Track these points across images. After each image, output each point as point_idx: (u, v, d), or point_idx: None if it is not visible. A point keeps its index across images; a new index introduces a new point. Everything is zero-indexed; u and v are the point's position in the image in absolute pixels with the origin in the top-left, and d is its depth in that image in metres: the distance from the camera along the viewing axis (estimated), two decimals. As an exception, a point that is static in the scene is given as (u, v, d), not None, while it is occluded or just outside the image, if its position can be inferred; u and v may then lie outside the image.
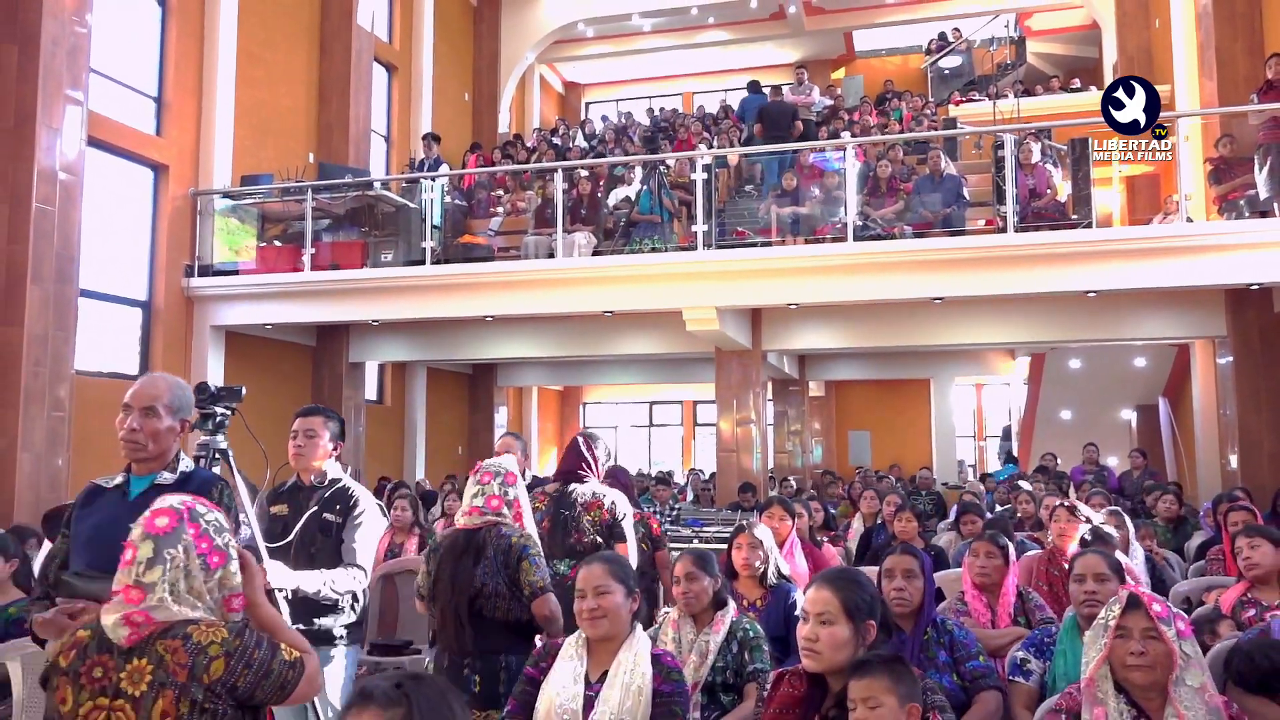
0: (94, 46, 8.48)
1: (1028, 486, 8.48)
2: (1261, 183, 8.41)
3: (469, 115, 16.46)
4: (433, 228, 9.84)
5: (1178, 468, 11.84)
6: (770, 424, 13.87)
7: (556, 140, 15.16)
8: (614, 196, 10.85)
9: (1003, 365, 15.39)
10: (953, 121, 12.73)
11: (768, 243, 9.63)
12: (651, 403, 20.14)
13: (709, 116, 15.60)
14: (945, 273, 8.59)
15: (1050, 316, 9.90)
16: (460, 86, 16.27)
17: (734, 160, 11.84)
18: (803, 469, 14.97)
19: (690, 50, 19.00)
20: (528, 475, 5.46)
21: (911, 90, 16.94)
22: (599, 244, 10.13)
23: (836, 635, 2.36)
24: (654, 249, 9.71)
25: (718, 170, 10.60)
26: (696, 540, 7.33)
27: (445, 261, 10.01)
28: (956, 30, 17.79)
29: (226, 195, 10.35)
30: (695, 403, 19.83)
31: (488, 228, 11.27)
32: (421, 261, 9.87)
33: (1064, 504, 4.85)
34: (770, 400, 14.58)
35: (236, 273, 10.16)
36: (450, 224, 10.59)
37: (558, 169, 10.21)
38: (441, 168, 11.57)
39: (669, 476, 12.36)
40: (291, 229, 10.59)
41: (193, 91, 10.22)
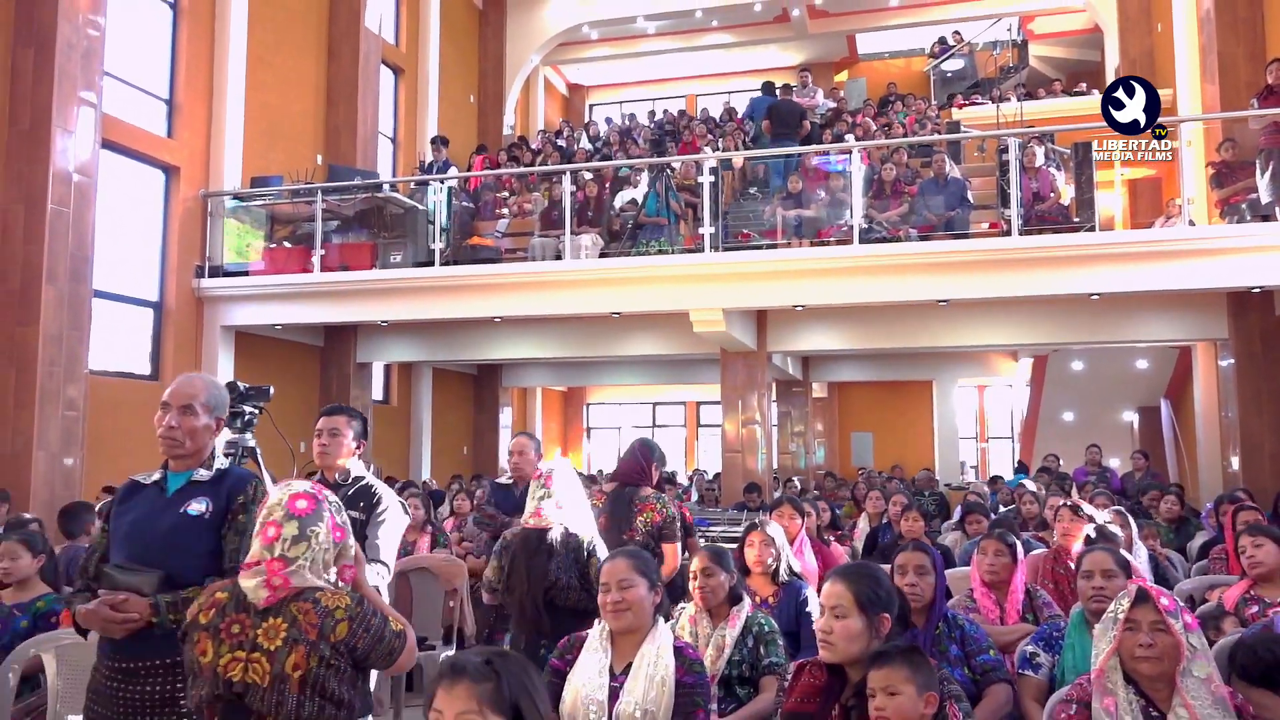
0: (106, 49, 8.57)
1: (1032, 487, 8.57)
2: (1263, 187, 8.49)
3: (474, 117, 16.56)
4: (441, 230, 9.90)
5: (1179, 469, 11.92)
6: (774, 425, 13.94)
7: (561, 142, 15.24)
8: (620, 198, 10.94)
9: (1005, 367, 15.48)
10: (956, 125, 12.81)
11: (773, 245, 9.73)
12: (655, 403, 20.23)
13: (711, 120, 15.70)
14: (950, 275, 8.68)
15: (1053, 318, 9.99)
16: (465, 89, 16.37)
17: (738, 163, 11.93)
18: (806, 470, 15.06)
19: (694, 53, 19.11)
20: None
21: (914, 93, 17.04)
22: (605, 246, 10.22)
23: (850, 628, 2.44)
24: (660, 251, 9.80)
25: (723, 172, 10.67)
26: (702, 540, 7.41)
27: (455, 263, 10.08)
28: (958, 34, 17.86)
29: (237, 197, 10.44)
30: (698, 404, 19.92)
31: (494, 229, 11.36)
32: (430, 263, 9.96)
33: (1068, 504, 4.94)
34: (774, 401, 14.66)
35: (247, 274, 10.25)
36: (458, 226, 10.67)
37: (565, 171, 10.29)
38: (450, 170, 11.64)
39: (673, 477, 12.44)
40: (300, 230, 10.69)
41: (203, 94, 10.31)
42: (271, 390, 3.46)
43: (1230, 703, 2.36)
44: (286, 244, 10.57)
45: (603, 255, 10.04)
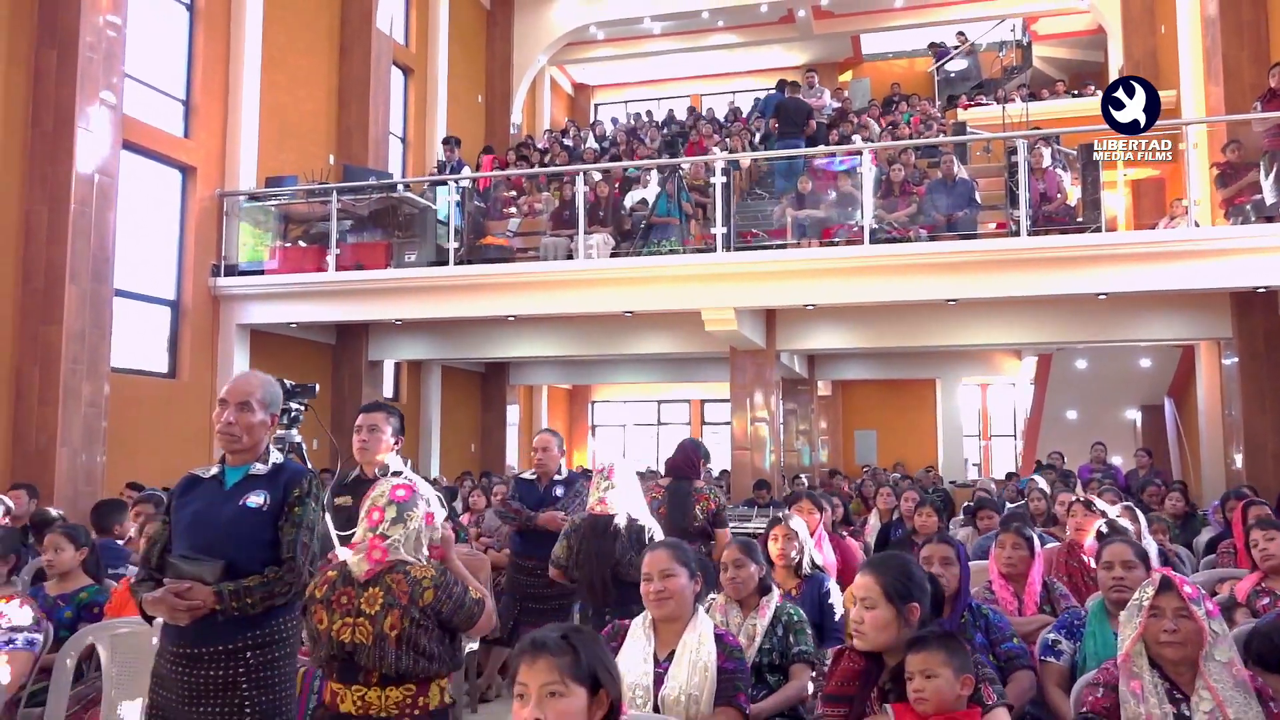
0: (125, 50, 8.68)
1: (1041, 483, 8.69)
2: (1267, 188, 8.61)
3: (482, 117, 16.66)
4: (455, 230, 10.01)
5: (1182, 467, 12.03)
6: (780, 423, 14.06)
7: (568, 142, 15.36)
8: (630, 198, 11.06)
9: (1009, 365, 15.60)
10: (962, 126, 12.92)
11: (783, 245, 9.84)
12: (660, 401, 20.34)
13: (716, 121, 15.83)
14: (959, 275, 8.80)
15: (1059, 318, 10.10)
16: (473, 89, 16.48)
17: (745, 163, 12.04)
18: (811, 467, 15.17)
19: (699, 53, 19.23)
20: (563, 470, 5.63)
21: (918, 94, 17.17)
22: (616, 245, 10.33)
23: (879, 617, 2.56)
24: (671, 251, 9.91)
25: (733, 172, 10.79)
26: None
27: (469, 262, 10.19)
28: (961, 34, 17.95)
29: (252, 197, 10.55)
30: (703, 402, 20.03)
31: (505, 229, 11.47)
32: (442, 262, 10.07)
33: (1081, 499, 5.05)
34: (780, 400, 14.78)
35: (262, 273, 10.36)
36: (470, 225, 10.78)
37: (579, 172, 10.40)
38: (464, 170, 11.76)
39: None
40: (314, 230, 10.80)
41: (219, 94, 10.42)
42: (317, 388, 3.57)
43: (1251, 685, 2.48)
44: (302, 243, 10.67)
45: (613, 255, 10.16)
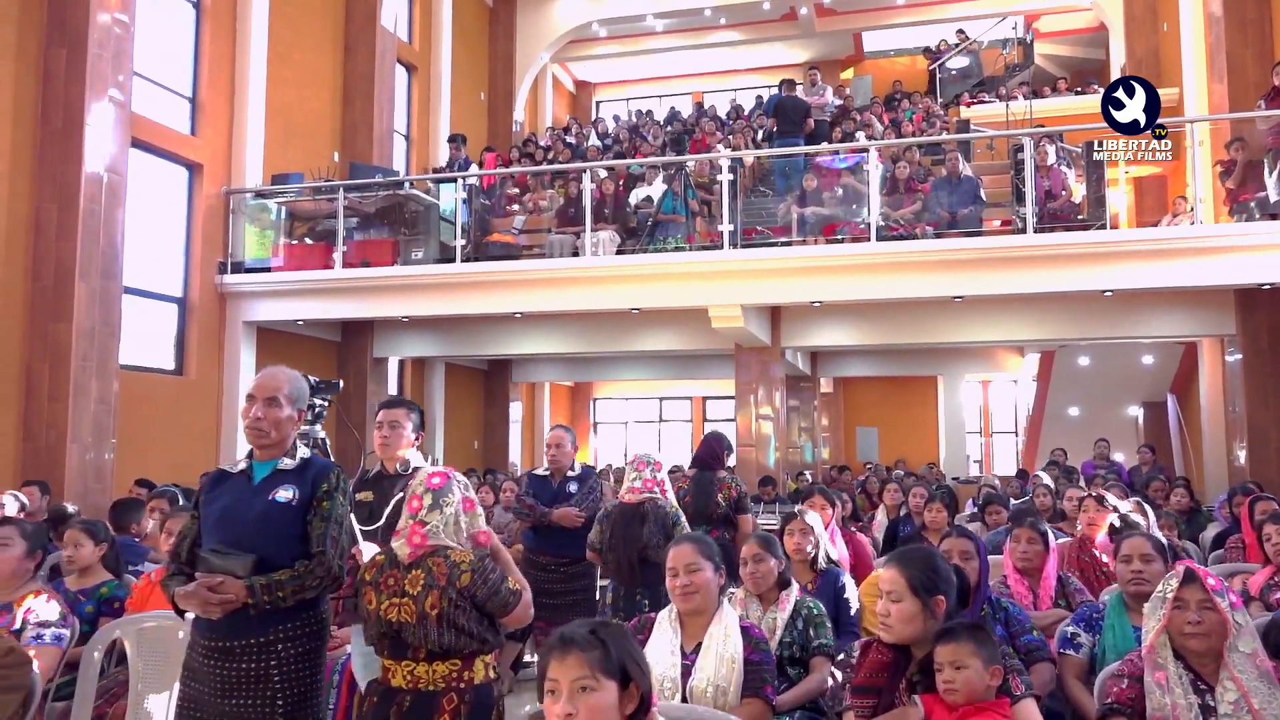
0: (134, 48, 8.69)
1: (1046, 479, 8.74)
2: (1271, 186, 8.65)
3: (484, 115, 16.67)
4: (463, 227, 10.03)
5: (1185, 463, 12.09)
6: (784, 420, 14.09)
7: (571, 139, 15.37)
8: (635, 195, 11.08)
9: (1011, 362, 15.65)
10: (966, 123, 12.95)
11: (788, 242, 9.86)
12: (661, 398, 20.37)
13: (719, 119, 15.84)
14: (965, 272, 8.83)
15: (1063, 314, 10.14)
16: (476, 86, 16.48)
17: (748, 161, 12.04)
18: (813, 464, 15.20)
19: (700, 51, 19.24)
20: (577, 466, 5.66)
21: (920, 91, 17.20)
22: (622, 242, 10.35)
23: (904, 610, 2.59)
24: (678, 248, 9.94)
25: (738, 170, 10.78)
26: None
27: (476, 259, 10.22)
28: (961, 32, 17.96)
29: (259, 194, 10.57)
30: (705, 399, 20.07)
31: (510, 226, 11.49)
32: (449, 260, 10.09)
33: (1093, 495, 5.09)
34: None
35: (269, 270, 10.37)
36: (477, 223, 10.80)
37: (586, 169, 10.43)
38: (471, 167, 11.78)
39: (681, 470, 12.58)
40: (320, 227, 10.81)
41: (225, 92, 10.43)
42: (341, 384, 3.60)
43: (1275, 676, 2.52)
44: (308, 240, 10.68)
45: (619, 252, 10.18)
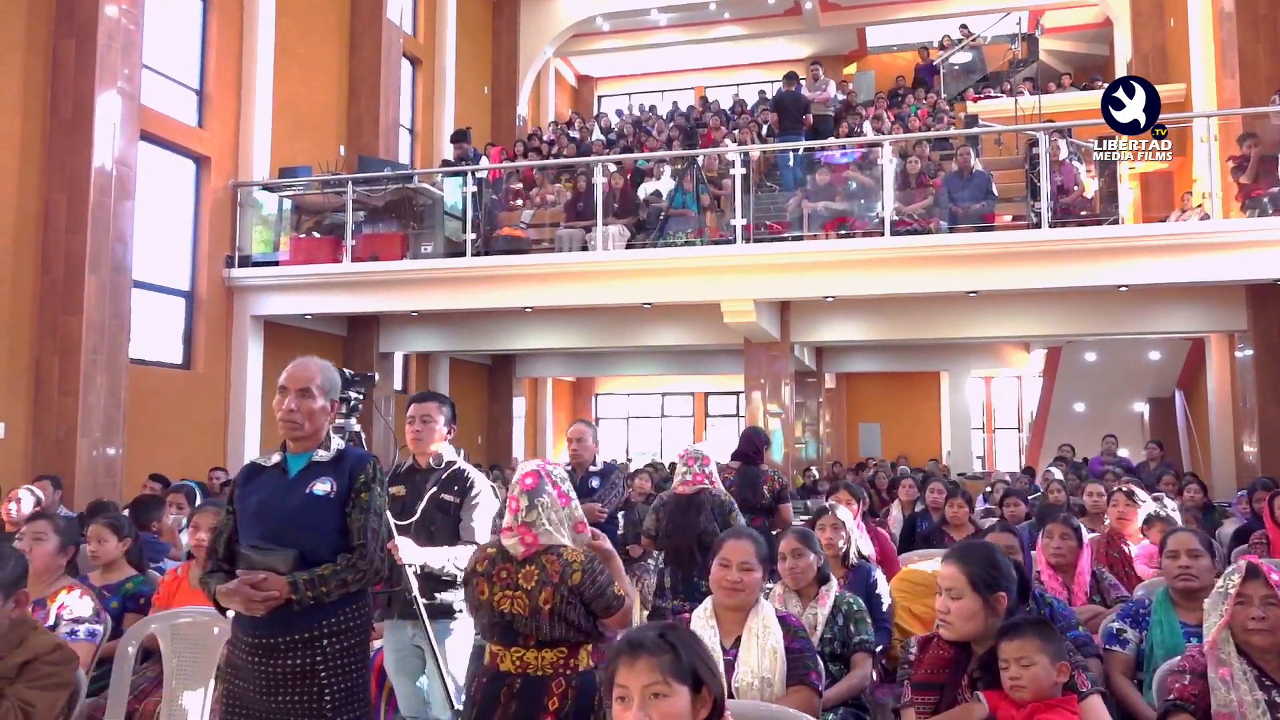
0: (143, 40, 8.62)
1: (1057, 474, 8.73)
2: (1286, 181, 8.65)
3: (488, 109, 16.61)
4: (474, 219, 9.96)
5: (1192, 459, 12.08)
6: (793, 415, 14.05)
7: (574, 134, 15.31)
8: (644, 190, 11.04)
9: (1017, 358, 15.64)
10: (974, 118, 12.91)
11: (799, 236, 9.83)
12: (664, 394, 20.34)
13: (725, 113, 15.80)
14: (979, 267, 8.81)
15: (1074, 309, 10.12)
16: (479, 80, 16.42)
17: (755, 155, 11.99)
18: (818, 460, 15.18)
19: (703, 45, 19.16)
20: (598, 461, 5.62)
21: (924, 86, 17.16)
22: (631, 237, 10.30)
23: (965, 607, 2.55)
24: (688, 243, 9.90)
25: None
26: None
27: (487, 253, 10.16)
28: (964, 27, 17.92)
29: (266, 187, 10.50)
30: (707, 394, 20.04)
31: (519, 220, 11.43)
32: (458, 254, 10.04)
33: (1124, 489, 5.07)
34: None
35: (277, 264, 10.31)
36: (485, 217, 10.74)
37: (597, 163, 10.38)
38: (481, 161, 11.72)
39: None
40: (327, 221, 10.74)
41: (232, 84, 10.36)
42: (376, 377, 3.55)
43: (1341, 672, 2.49)
44: (316, 234, 10.61)
45: (629, 246, 10.14)
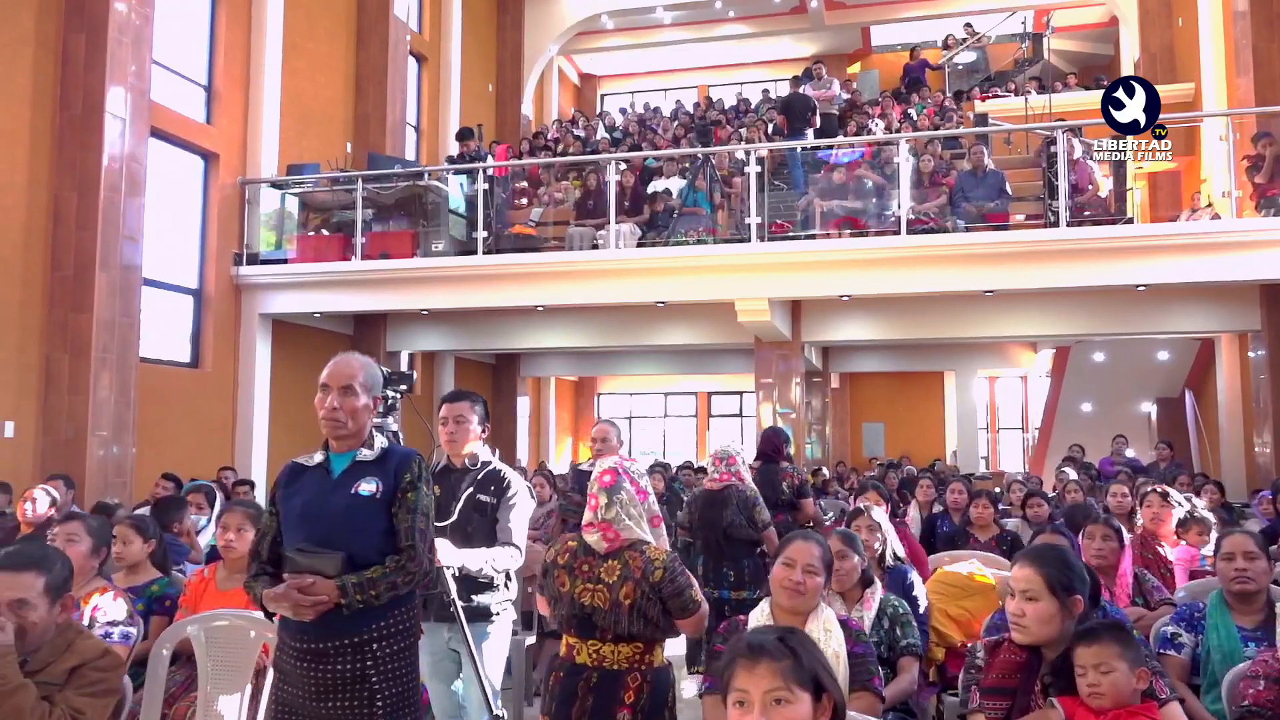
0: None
1: (1073, 475, 8.67)
2: (1303, 180, 8.62)
3: (493, 106, 16.53)
4: (486, 217, 9.88)
5: (1202, 459, 12.05)
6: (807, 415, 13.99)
7: (579, 132, 15.24)
8: (653, 187, 10.98)
9: (1024, 358, 15.60)
10: (983, 117, 12.87)
11: (812, 235, 9.78)
12: (666, 393, 20.27)
13: (734, 110, 15.77)
14: (995, 266, 8.76)
15: (1087, 309, 10.07)
16: (484, 78, 16.34)
17: (763, 153, 11.93)
18: (824, 459, 15.13)
19: (707, 44, 19.12)
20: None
21: (930, 85, 17.13)
22: (643, 235, 10.23)
23: (1042, 610, 2.49)
24: (699, 241, 9.84)
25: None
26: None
27: (499, 251, 10.09)
28: (969, 25, 17.91)
29: (275, 185, 10.41)
30: (710, 394, 19.98)
31: (527, 218, 11.36)
32: (470, 251, 9.97)
33: (1158, 490, 5.02)
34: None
35: (285, 261, 10.22)
36: (496, 215, 10.67)
37: (611, 160, 10.31)
38: (488, 160, 11.64)
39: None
40: (334, 218, 10.66)
41: (240, 80, 10.27)
42: (415, 375, 3.48)
43: None
44: (324, 231, 10.53)
45: (640, 244, 10.07)
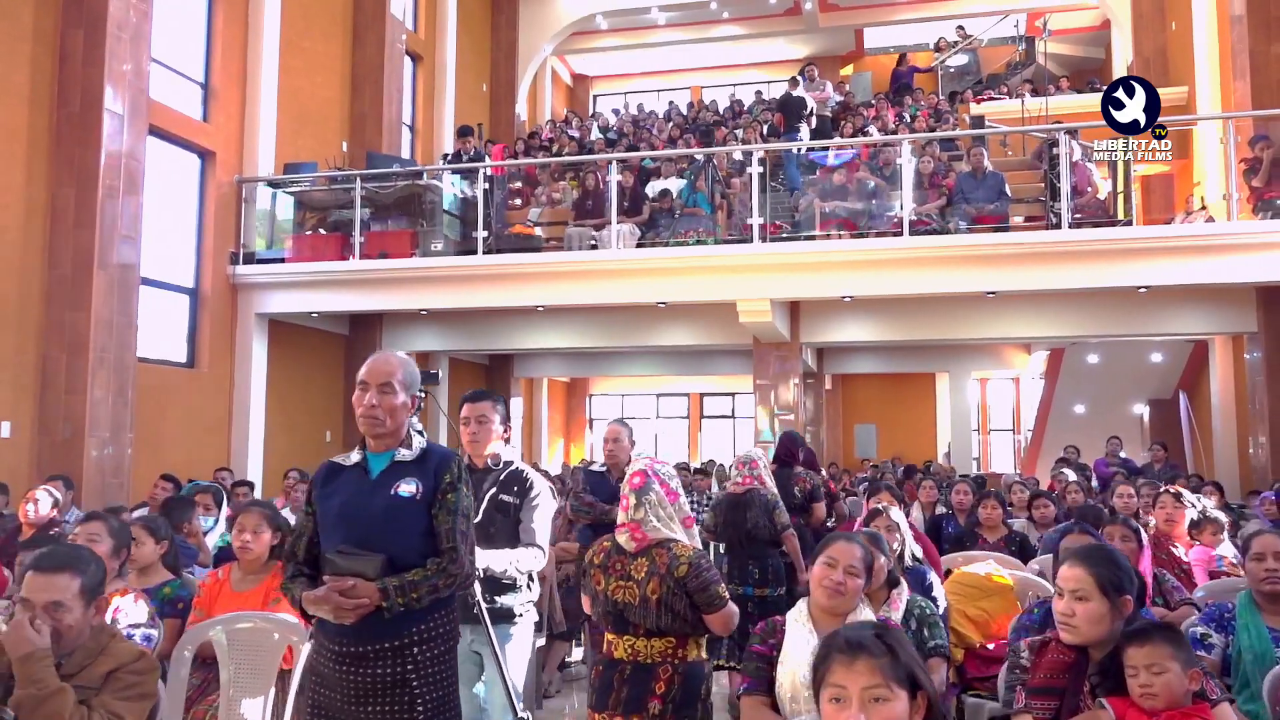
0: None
1: (1072, 476, 8.71)
2: (1301, 183, 8.68)
3: (486, 106, 16.47)
4: (485, 217, 9.83)
5: (1195, 460, 12.13)
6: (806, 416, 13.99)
7: (574, 132, 15.21)
8: (652, 188, 10.96)
9: (1017, 359, 15.66)
10: (980, 119, 12.92)
11: (811, 236, 9.77)
12: (658, 395, 20.25)
13: (721, 114, 15.78)
14: (997, 268, 8.78)
15: (1085, 310, 10.11)
16: (478, 77, 16.28)
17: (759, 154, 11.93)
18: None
19: (700, 45, 19.11)
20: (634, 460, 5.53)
21: (922, 88, 17.21)
22: (642, 236, 10.21)
23: (1092, 611, 2.47)
24: (699, 242, 9.82)
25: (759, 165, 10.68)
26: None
27: (499, 251, 10.04)
28: (961, 28, 17.98)
29: (272, 184, 10.32)
30: (702, 395, 19.97)
31: (525, 218, 11.32)
32: (469, 251, 9.92)
33: (1171, 491, 5.03)
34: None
35: (283, 260, 10.14)
36: (496, 215, 10.62)
37: (612, 159, 10.28)
38: (485, 159, 11.59)
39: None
40: (331, 217, 10.58)
41: (237, 78, 10.18)
42: (438, 374, 3.44)
43: None
44: (321, 231, 10.45)
45: (639, 245, 10.05)
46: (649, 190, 10.99)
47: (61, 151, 7.79)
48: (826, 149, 11.01)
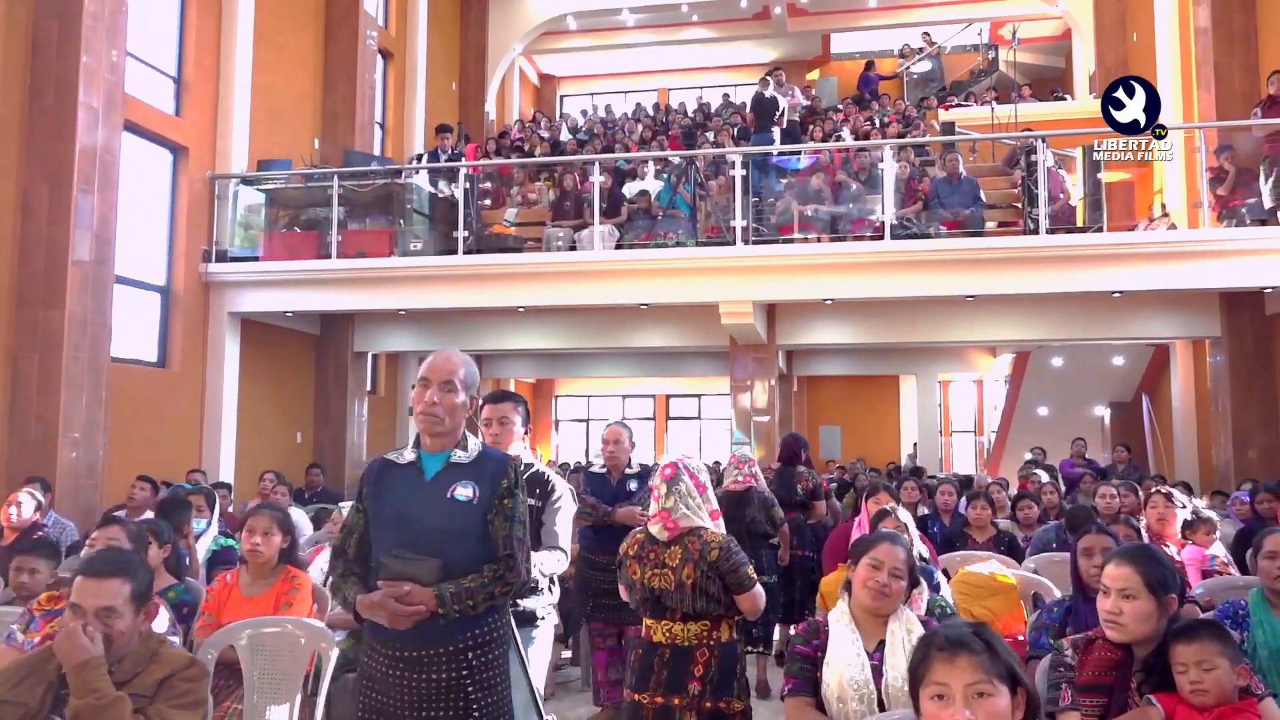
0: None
1: (1045, 477, 8.86)
2: (1266, 192, 8.93)
3: (456, 105, 16.35)
4: (466, 217, 9.76)
5: (1157, 461, 12.42)
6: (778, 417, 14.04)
7: (544, 133, 15.16)
8: (629, 189, 10.96)
9: (982, 362, 15.90)
10: (950, 125, 13.11)
11: (790, 239, 9.84)
12: (624, 396, 20.24)
13: (691, 115, 15.83)
14: (976, 272, 8.92)
15: (1056, 314, 10.29)
16: (448, 76, 16.16)
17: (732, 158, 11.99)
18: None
19: (669, 47, 19.16)
20: (634, 463, 5.51)
21: (888, 94, 17.43)
22: (621, 237, 10.20)
23: (1139, 609, 2.52)
24: (678, 244, 9.84)
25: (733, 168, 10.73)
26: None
27: (479, 251, 9.97)
28: (926, 34, 18.25)
29: (245, 180, 10.14)
30: (668, 396, 20.00)
31: (502, 219, 11.25)
32: (451, 251, 9.84)
33: (1163, 491, 5.14)
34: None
35: (256, 259, 9.97)
36: (475, 215, 10.55)
37: (595, 160, 10.26)
38: (462, 159, 11.51)
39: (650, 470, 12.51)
40: (304, 215, 10.43)
41: (210, 72, 10.00)
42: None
43: None
44: (295, 229, 10.29)
45: (619, 246, 10.04)
46: (626, 191, 10.99)
47: (34, 146, 7.58)
48: (798, 153, 11.10)
